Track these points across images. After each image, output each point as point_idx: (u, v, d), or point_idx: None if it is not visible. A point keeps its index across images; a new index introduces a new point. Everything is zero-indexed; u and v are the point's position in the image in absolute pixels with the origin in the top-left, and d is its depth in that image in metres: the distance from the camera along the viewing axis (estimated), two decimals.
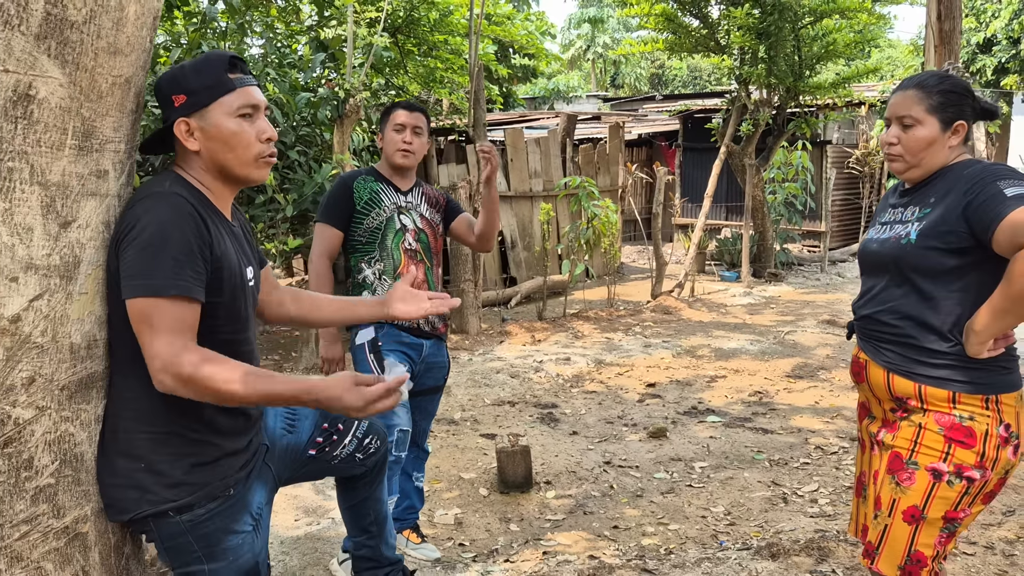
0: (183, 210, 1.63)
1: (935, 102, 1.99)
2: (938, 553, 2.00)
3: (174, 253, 1.59)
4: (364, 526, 2.30)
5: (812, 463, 4.43)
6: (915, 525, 1.96)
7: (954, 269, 1.94)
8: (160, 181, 1.71)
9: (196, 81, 1.72)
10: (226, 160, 1.75)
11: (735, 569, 3.09)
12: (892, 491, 1.99)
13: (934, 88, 2.00)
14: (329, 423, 2.08)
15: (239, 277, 1.77)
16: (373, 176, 3.15)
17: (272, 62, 7.10)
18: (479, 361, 6.87)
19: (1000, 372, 1.95)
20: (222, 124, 1.72)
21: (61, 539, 1.58)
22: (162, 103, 1.75)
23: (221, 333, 1.74)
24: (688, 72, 36.94)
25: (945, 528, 1.98)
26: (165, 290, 1.57)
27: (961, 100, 2.00)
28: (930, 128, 2.00)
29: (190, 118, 1.72)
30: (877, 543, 2.02)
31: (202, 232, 1.65)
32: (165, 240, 1.59)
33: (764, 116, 10.70)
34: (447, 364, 3.31)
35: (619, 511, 3.84)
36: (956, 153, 2.03)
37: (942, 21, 6.77)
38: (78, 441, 1.62)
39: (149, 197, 1.65)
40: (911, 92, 2.02)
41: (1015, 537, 3.32)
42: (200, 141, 1.73)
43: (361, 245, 3.09)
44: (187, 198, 1.66)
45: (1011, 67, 17.58)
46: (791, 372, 6.46)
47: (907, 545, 1.97)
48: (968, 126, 2.01)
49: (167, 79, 1.75)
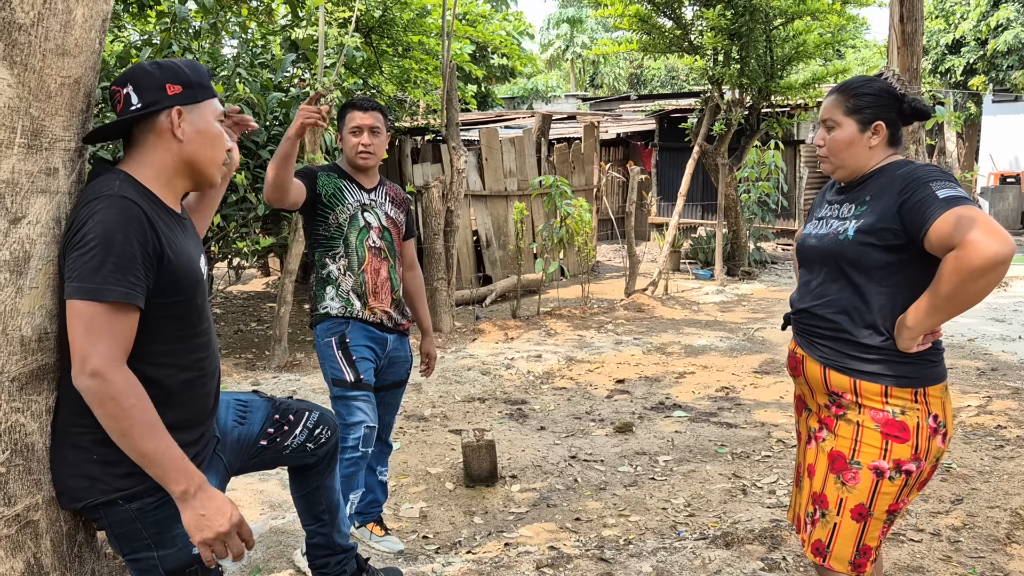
0: (131, 214, 1.65)
1: (852, 105, 2.10)
2: (880, 542, 2.09)
3: (116, 259, 1.61)
4: (316, 514, 2.35)
5: (773, 456, 4.53)
6: (863, 522, 2.04)
7: (888, 265, 2.01)
8: (109, 182, 1.71)
9: (193, 77, 1.79)
10: (202, 157, 1.81)
11: (689, 557, 3.17)
12: (838, 491, 2.05)
13: (852, 92, 2.11)
14: (280, 414, 2.14)
15: (197, 271, 1.82)
16: (336, 173, 3.18)
17: (244, 62, 7.12)
18: (451, 359, 6.93)
19: (927, 365, 2.03)
20: (210, 124, 1.81)
21: (12, 527, 1.63)
22: (146, 89, 1.74)
23: (180, 328, 1.78)
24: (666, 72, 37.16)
25: (887, 519, 2.06)
26: (103, 295, 1.60)
27: (879, 102, 2.09)
28: (848, 129, 2.10)
29: (183, 108, 1.76)
30: (827, 541, 2.08)
31: (149, 237, 1.66)
32: (108, 245, 1.61)
33: (736, 116, 10.83)
34: (410, 359, 3.37)
35: (582, 504, 3.92)
36: (884, 154, 2.11)
37: (904, 23, 6.91)
38: (29, 431, 1.67)
39: (97, 199, 1.66)
40: (833, 97, 2.14)
41: (961, 524, 3.42)
42: (186, 133, 1.77)
43: (326, 240, 3.13)
44: (135, 200, 1.67)
45: (979, 68, 17.87)
46: (758, 368, 6.56)
47: (856, 540, 2.05)
48: (888, 127, 2.08)
49: (159, 69, 1.76)
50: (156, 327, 1.72)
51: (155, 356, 1.72)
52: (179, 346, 1.78)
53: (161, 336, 1.73)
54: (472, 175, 10.32)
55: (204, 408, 1.88)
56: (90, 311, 1.60)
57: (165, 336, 1.74)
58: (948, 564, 3.09)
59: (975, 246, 1.77)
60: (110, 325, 1.61)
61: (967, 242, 1.78)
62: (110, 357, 1.61)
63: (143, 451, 1.62)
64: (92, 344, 1.59)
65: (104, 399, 1.60)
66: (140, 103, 1.74)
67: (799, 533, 2.20)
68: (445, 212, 8.04)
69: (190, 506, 1.65)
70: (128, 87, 1.75)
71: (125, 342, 1.65)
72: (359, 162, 3.13)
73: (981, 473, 4.04)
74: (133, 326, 1.66)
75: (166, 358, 1.75)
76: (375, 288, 3.14)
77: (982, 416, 4.99)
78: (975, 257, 1.77)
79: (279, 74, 7.02)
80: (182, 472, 1.65)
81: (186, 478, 1.65)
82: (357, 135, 3.11)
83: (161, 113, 1.75)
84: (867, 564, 2.07)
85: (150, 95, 1.74)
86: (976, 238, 1.77)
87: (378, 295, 3.14)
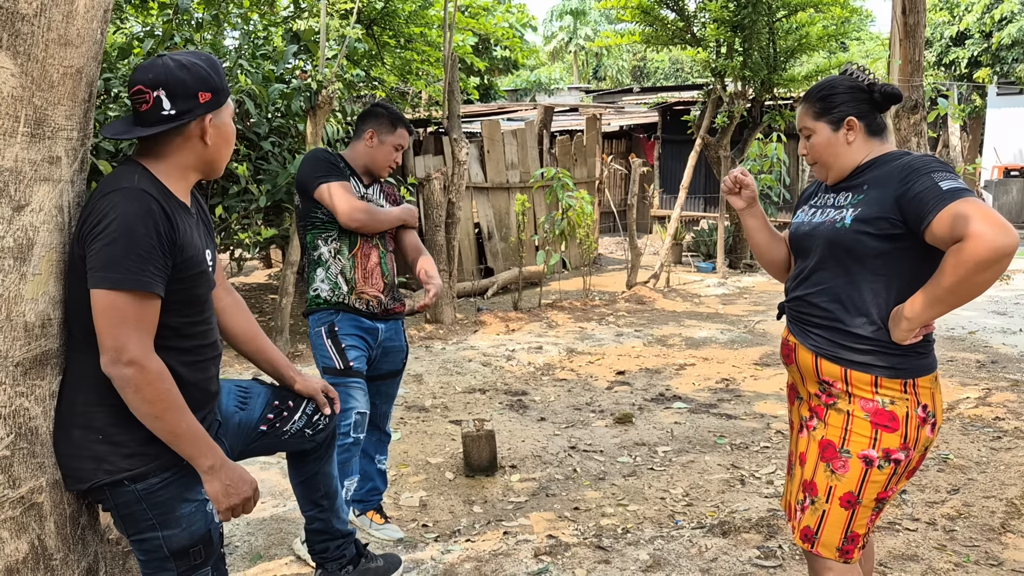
0: (149, 207, 1.71)
1: (819, 108, 2.14)
2: (869, 529, 2.12)
3: (138, 250, 1.68)
4: (315, 499, 2.39)
5: (772, 447, 4.55)
6: (851, 510, 2.06)
7: (884, 254, 2.02)
8: (128, 175, 1.76)
9: (219, 82, 1.83)
10: (221, 157, 1.89)
11: (686, 546, 3.20)
12: (828, 479, 2.08)
13: (816, 96, 2.15)
14: (280, 401, 2.17)
15: (203, 262, 1.86)
16: (343, 163, 3.22)
17: (246, 53, 7.14)
18: (452, 350, 6.96)
19: (917, 357, 2.05)
20: (228, 124, 1.89)
21: (16, 508, 1.66)
22: (180, 96, 1.76)
23: (182, 315, 1.82)
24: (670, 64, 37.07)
25: (875, 508, 2.09)
26: (128, 284, 1.66)
27: (844, 99, 2.11)
28: (823, 133, 2.13)
29: (212, 115, 1.82)
30: (816, 528, 2.11)
31: (165, 228, 1.73)
32: (131, 236, 1.67)
33: (739, 108, 10.82)
34: (405, 347, 3.40)
35: (581, 493, 3.95)
36: (869, 145, 2.12)
37: (907, 15, 6.91)
38: (33, 415, 1.70)
39: (117, 192, 1.71)
40: (801, 106, 2.19)
41: (957, 514, 3.45)
42: (212, 137, 1.84)
43: (321, 223, 3.15)
44: (153, 194, 1.74)
45: (983, 60, 17.81)
46: (759, 360, 6.58)
47: (844, 528, 2.08)
48: (861, 120, 2.10)
49: (190, 74, 1.77)
50: (164, 313, 1.76)
51: (157, 340, 1.76)
52: (181, 332, 1.83)
53: (164, 322, 1.77)
54: (474, 167, 10.33)
55: (205, 392, 1.92)
56: (118, 301, 1.66)
57: (169, 322, 1.78)
58: (943, 553, 3.11)
59: (981, 238, 1.77)
60: (137, 314, 1.68)
61: (972, 234, 1.78)
62: (144, 346, 1.69)
63: (176, 431, 1.74)
64: (124, 334, 1.66)
65: (141, 386, 1.68)
66: (174, 110, 1.77)
67: (790, 520, 2.22)
68: (447, 204, 8.06)
69: (217, 478, 1.80)
70: (160, 91, 1.76)
71: (152, 329, 1.72)
72: (382, 174, 3.26)
73: (978, 464, 4.06)
74: (156, 314, 1.73)
75: (168, 342, 1.79)
76: (365, 273, 3.18)
77: (981, 408, 5.01)
78: (981, 249, 1.77)
79: (281, 65, 7.03)
80: (209, 448, 1.79)
81: (212, 453, 1.80)
82: (397, 151, 3.24)
83: (200, 121, 1.81)
84: (855, 551, 2.09)
85: (184, 103, 1.78)
86: (982, 230, 1.77)
87: (368, 279, 3.18)
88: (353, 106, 8.59)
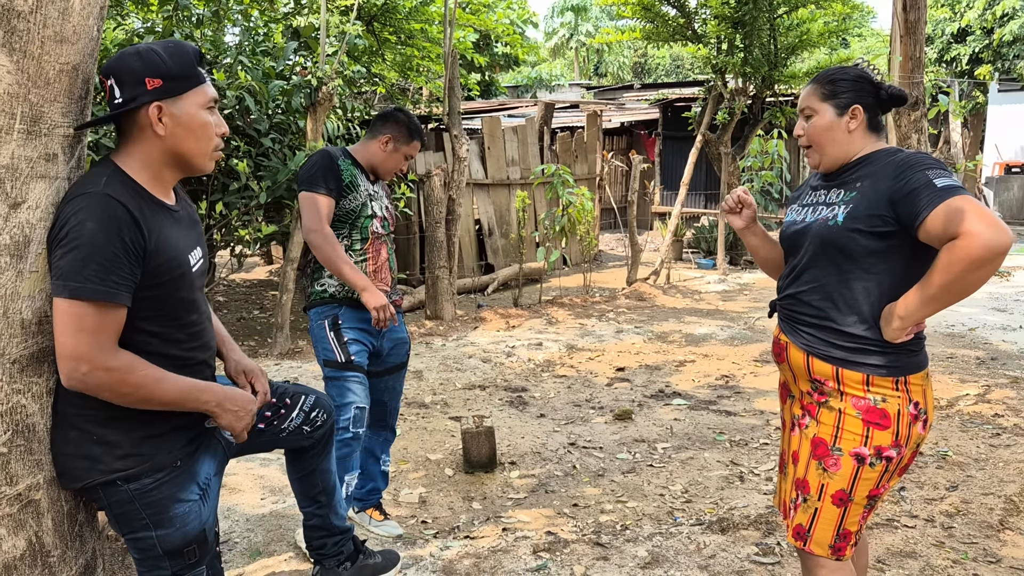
0: (113, 213, 1.64)
1: (828, 90, 2.11)
2: (861, 527, 2.12)
3: (100, 258, 1.62)
4: (313, 496, 2.39)
5: (771, 443, 4.55)
6: (843, 507, 2.06)
7: (876, 252, 2.01)
8: (95, 178, 1.71)
9: (175, 68, 1.74)
10: (189, 149, 1.79)
11: (684, 542, 3.21)
12: (820, 476, 2.07)
13: (827, 79, 2.12)
14: (277, 398, 2.17)
15: (183, 264, 1.81)
16: (350, 160, 3.22)
17: (246, 50, 7.13)
18: (452, 346, 6.96)
19: (909, 354, 2.04)
20: (195, 114, 1.77)
21: (14, 505, 1.66)
22: (127, 83, 1.72)
23: (164, 319, 1.79)
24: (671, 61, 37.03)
25: (867, 505, 2.09)
26: (86, 294, 1.61)
27: (855, 87, 2.10)
28: (826, 115, 2.11)
29: (163, 103, 1.73)
30: (808, 526, 2.11)
31: (132, 235, 1.66)
32: (93, 244, 1.62)
33: (740, 105, 10.81)
34: (408, 340, 3.42)
35: (580, 490, 3.95)
36: (866, 140, 2.11)
37: (907, 12, 6.90)
38: (30, 412, 1.70)
39: (82, 196, 1.67)
40: (809, 87, 2.16)
41: (955, 511, 3.45)
42: (168, 127, 1.74)
43: (333, 221, 3.16)
44: (119, 198, 1.67)
45: (985, 57, 17.78)
46: (758, 357, 6.58)
47: (836, 525, 2.08)
48: (866, 111, 2.09)
49: (140, 60, 1.72)
50: (140, 318, 1.74)
51: (142, 344, 1.75)
52: (168, 338, 1.80)
53: (148, 329, 1.76)
54: (475, 163, 10.33)
55: None
56: (76, 310, 1.62)
57: (152, 329, 1.77)
58: (941, 549, 3.11)
59: (976, 236, 1.76)
60: (97, 324, 1.64)
61: (967, 232, 1.77)
62: (105, 348, 1.65)
63: (170, 401, 1.75)
64: (83, 342, 1.63)
65: (114, 385, 1.67)
66: (121, 98, 1.73)
67: (784, 519, 2.22)
68: (447, 200, 8.05)
69: (224, 410, 1.84)
70: (111, 79, 1.73)
71: (114, 336, 1.68)
72: (386, 178, 3.32)
73: (977, 460, 4.06)
74: (120, 321, 1.69)
75: (155, 348, 1.77)
76: (375, 268, 3.20)
77: (980, 405, 5.01)
78: (976, 247, 1.76)
79: (281, 62, 7.03)
80: (204, 391, 1.82)
81: (210, 393, 1.83)
82: (407, 160, 3.31)
83: (142, 108, 1.73)
84: (847, 548, 2.09)
85: (130, 90, 1.72)
86: (976, 228, 1.76)
87: (378, 274, 3.21)
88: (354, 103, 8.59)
